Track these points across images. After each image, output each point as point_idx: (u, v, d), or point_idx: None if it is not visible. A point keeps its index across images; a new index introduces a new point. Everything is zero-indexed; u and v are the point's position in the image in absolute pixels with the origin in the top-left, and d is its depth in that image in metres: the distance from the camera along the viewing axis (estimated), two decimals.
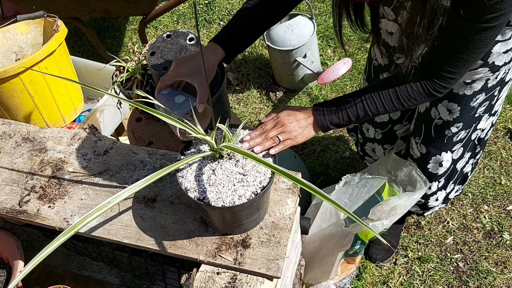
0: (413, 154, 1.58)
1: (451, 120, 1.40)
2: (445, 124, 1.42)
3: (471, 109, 1.37)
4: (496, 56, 1.24)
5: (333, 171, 2.23)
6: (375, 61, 1.56)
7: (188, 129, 1.00)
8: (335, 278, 1.80)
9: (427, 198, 1.67)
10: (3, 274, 1.31)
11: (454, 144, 1.48)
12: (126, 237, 1.08)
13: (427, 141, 1.50)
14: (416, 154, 1.56)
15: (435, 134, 1.46)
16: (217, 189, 0.96)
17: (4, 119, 1.39)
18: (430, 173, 1.58)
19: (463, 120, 1.40)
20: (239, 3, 3.08)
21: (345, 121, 1.15)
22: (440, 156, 1.51)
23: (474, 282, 1.86)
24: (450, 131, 1.43)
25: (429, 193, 1.64)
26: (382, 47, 1.49)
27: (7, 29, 1.70)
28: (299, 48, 2.37)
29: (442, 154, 1.51)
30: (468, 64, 1.05)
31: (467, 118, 1.40)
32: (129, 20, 3.12)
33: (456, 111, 1.38)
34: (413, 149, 1.57)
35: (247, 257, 1.02)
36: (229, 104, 1.98)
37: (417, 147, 1.54)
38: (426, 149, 1.52)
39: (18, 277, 0.80)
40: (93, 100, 2.04)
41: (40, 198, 1.18)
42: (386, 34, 1.43)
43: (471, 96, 1.33)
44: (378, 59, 1.54)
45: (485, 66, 1.26)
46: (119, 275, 1.46)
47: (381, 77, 1.56)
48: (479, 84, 1.30)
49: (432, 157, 1.52)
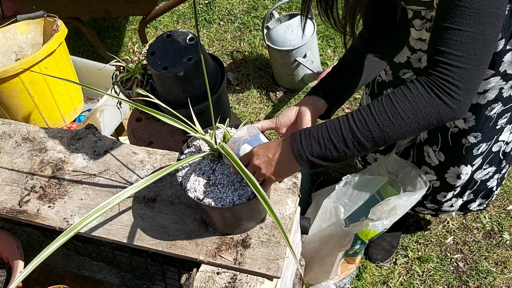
0: (430, 162, 1.54)
1: (467, 128, 1.37)
2: (461, 132, 1.39)
3: (489, 119, 1.34)
4: (508, 64, 1.21)
5: (333, 171, 2.23)
6: (379, 77, 1.54)
7: (187, 129, 1.00)
8: (335, 278, 1.79)
9: (441, 205, 1.65)
10: (3, 274, 1.31)
11: (474, 158, 1.45)
12: (126, 237, 1.08)
13: (445, 149, 1.47)
14: (434, 162, 1.53)
15: (453, 143, 1.43)
16: (217, 189, 0.96)
17: (4, 119, 1.38)
18: (447, 183, 1.55)
19: (481, 131, 1.36)
20: (239, 3, 3.08)
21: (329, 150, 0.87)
22: (459, 168, 1.48)
23: (474, 282, 1.86)
24: (467, 141, 1.39)
25: (443, 200, 1.62)
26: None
27: (7, 29, 1.70)
28: (299, 48, 2.37)
29: (461, 167, 1.47)
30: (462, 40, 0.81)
31: (486, 129, 1.36)
32: (129, 20, 3.12)
33: (471, 119, 1.35)
34: (430, 157, 1.54)
35: (247, 257, 1.02)
36: (229, 104, 1.98)
37: (436, 155, 1.51)
38: (444, 157, 1.48)
39: (19, 278, 0.80)
40: (93, 100, 2.03)
41: (40, 198, 1.18)
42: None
43: (485, 105, 1.30)
44: (382, 75, 1.51)
45: (496, 75, 1.23)
46: (119, 275, 1.46)
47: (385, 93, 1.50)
48: (492, 93, 1.27)
49: (450, 167, 1.49)
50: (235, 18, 3.01)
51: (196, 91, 1.33)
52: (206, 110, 1.36)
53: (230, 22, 3.00)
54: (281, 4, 2.54)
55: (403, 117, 0.84)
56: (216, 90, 1.37)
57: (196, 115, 1.06)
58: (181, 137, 1.59)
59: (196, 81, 1.31)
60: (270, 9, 2.36)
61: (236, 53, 2.82)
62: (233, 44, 2.87)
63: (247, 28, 2.94)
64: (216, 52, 2.85)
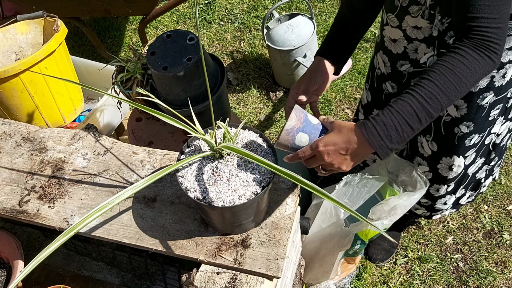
0: (423, 152, 1.56)
1: (459, 117, 1.39)
2: (454, 121, 1.41)
3: (481, 109, 1.35)
4: None
5: None
6: (378, 70, 1.55)
7: (188, 129, 1.00)
8: (335, 278, 1.79)
9: (435, 201, 1.66)
10: (3, 274, 1.31)
11: (467, 149, 1.46)
12: (126, 237, 1.08)
13: (438, 139, 1.49)
14: (427, 152, 1.54)
15: (445, 132, 1.45)
16: (217, 189, 0.96)
17: (4, 119, 1.39)
18: (439, 174, 1.56)
19: (473, 120, 1.38)
20: (239, 3, 3.08)
21: (406, 132, 0.94)
22: (451, 159, 1.49)
23: (474, 282, 1.86)
24: (459, 130, 1.42)
25: (436, 195, 1.63)
26: (384, 55, 1.47)
27: (7, 29, 1.70)
28: (299, 48, 2.37)
29: (453, 158, 1.49)
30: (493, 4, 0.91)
31: (479, 119, 1.38)
32: (129, 20, 3.12)
33: (463, 107, 1.36)
34: (423, 147, 1.56)
35: (247, 257, 1.02)
36: (229, 104, 1.98)
37: (428, 145, 1.53)
38: (437, 147, 1.50)
39: (18, 278, 0.80)
40: (93, 100, 2.03)
41: (40, 198, 1.18)
42: (389, 42, 1.42)
43: (477, 93, 1.32)
44: (381, 68, 1.52)
45: None
46: (119, 275, 1.46)
47: (384, 86, 1.55)
48: (484, 81, 1.29)
49: (443, 157, 1.51)
50: (235, 18, 3.01)
51: (196, 91, 1.33)
52: (206, 110, 1.36)
53: (230, 22, 3.00)
54: (281, 4, 2.54)
55: (465, 82, 0.94)
56: (216, 90, 1.37)
57: (196, 115, 1.06)
58: (181, 137, 1.59)
59: (196, 81, 1.31)
60: (270, 9, 2.36)
61: (236, 53, 2.82)
62: (233, 44, 2.87)
63: (247, 28, 2.94)
64: (216, 52, 2.85)
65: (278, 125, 2.45)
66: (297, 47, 2.36)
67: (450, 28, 1.22)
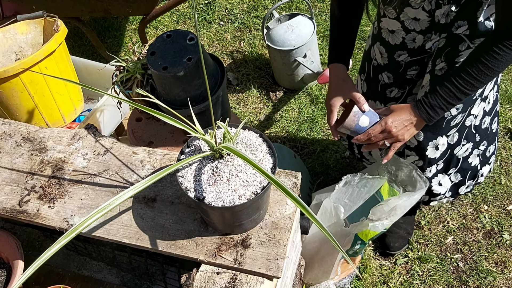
0: (409, 143, 1.59)
1: None
2: None
3: None
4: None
5: (333, 171, 2.23)
6: (375, 61, 1.56)
7: (188, 129, 1.00)
8: (335, 278, 1.80)
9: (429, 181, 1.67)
10: (3, 274, 1.31)
11: (449, 129, 1.50)
12: (126, 237, 1.09)
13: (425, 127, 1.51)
14: (413, 142, 1.57)
15: None
16: (217, 189, 0.96)
17: (4, 119, 1.39)
18: (429, 159, 1.59)
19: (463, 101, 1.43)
20: (239, 3, 3.08)
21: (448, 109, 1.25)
22: (436, 140, 1.53)
23: (474, 282, 1.86)
24: (450, 113, 1.45)
25: (429, 175, 1.65)
26: (382, 46, 1.49)
27: (7, 29, 1.70)
28: (299, 48, 2.37)
29: (438, 139, 1.53)
30: None
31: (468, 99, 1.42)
32: (129, 20, 3.12)
33: None
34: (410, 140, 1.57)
35: (247, 257, 1.02)
36: (229, 104, 1.98)
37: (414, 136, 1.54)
38: (423, 135, 1.52)
39: (20, 280, 0.80)
40: (93, 100, 2.03)
41: (40, 198, 1.18)
42: (387, 33, 1.44)
43: None
44: (378, 59, 1.54)
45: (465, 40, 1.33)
46: (119, 275, 1.46)
47: (380, 77, 1.57)
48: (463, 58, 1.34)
49: (429, 142, 1.54)
50: (235, 18, 3.01)
51: (196, 91, 1.33)
52: (206, 110, 1.36)
53: (230, 22, 3.00)
54: (281, 4, 2.54)
55: (497, 71, 1.16)
56: (216, 90, 1.37)
57: (196, 115, 1.06)
58: (181, 137, 1.59)
59: (196, 81, 1.31)
60: (270, 9, 2.36)
61: (236, 53, 2.82)
62: (233, 44, 2.87)
63: (247, 28, 2.94)
64: (216, 52, 2.85)
65: (278, 125, 2.45)
66: (297, 47, 2.36)
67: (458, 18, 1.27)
